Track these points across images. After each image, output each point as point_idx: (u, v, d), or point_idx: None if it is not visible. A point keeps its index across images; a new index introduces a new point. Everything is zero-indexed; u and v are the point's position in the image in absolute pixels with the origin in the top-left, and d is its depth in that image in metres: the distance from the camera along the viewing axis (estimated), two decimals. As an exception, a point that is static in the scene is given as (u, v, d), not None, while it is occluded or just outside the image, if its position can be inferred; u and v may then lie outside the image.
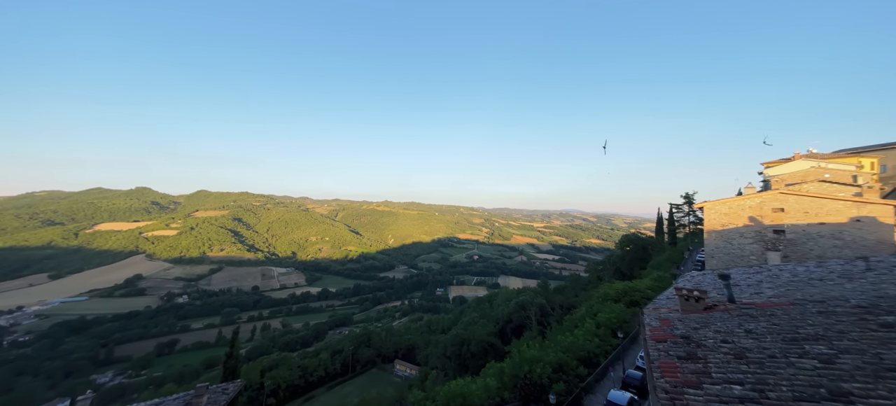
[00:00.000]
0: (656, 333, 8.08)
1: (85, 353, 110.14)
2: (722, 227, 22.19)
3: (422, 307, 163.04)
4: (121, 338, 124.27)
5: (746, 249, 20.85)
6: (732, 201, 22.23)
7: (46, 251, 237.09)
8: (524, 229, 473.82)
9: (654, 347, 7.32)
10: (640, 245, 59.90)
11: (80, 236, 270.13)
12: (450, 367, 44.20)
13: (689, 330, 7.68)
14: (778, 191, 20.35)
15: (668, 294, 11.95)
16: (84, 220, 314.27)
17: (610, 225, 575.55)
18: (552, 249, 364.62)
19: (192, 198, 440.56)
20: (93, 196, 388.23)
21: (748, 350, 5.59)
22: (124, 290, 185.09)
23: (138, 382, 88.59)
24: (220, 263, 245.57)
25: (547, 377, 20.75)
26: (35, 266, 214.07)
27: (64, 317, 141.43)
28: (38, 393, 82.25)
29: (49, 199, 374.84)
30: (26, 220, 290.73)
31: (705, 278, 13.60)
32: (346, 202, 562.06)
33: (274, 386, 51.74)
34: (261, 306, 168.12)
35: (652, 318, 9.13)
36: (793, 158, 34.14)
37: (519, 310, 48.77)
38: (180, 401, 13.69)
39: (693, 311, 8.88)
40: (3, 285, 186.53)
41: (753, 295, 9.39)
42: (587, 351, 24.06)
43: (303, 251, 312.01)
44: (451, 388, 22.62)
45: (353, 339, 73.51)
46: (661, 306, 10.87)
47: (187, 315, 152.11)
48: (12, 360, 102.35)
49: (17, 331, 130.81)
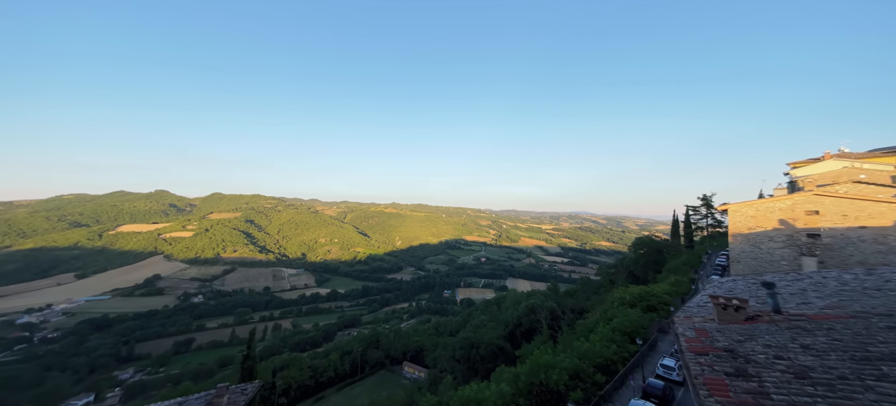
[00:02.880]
0: (694, 345, 7.54)
1: (108, 350, 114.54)
2: (748, 231, 21.11)
3: (429, 309, 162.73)
4: (141, 336, 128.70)
5: (776, 254, 19.74)
6: (760, 203, 21.13)
7: (73, 252, 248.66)
8: (532, 231, 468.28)
9: (694, 361, 6.80)
10: (654, 248, 58.18)
11: (104, 237, 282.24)
12: (458, 369, 43.77)
13: (732, 342, 7.12)
14: (811, 192, 19.20)
15: (699, 301, 11.27)
16: (108, 221, 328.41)
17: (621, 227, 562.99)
18: (561, 252, 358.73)
19: (207, 200, 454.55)
20: (116, 199, 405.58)
21: (810, 369, 5.07)
22: (144, 289, 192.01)
23: (157, 379, 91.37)
24: (234, 264, 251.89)
25: (563, 384, 20.16)
26: (63, 266, 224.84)
27: (89, 315, 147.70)
28: (65, 387, 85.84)
29: (76, 201, 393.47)
30: (55, 221, 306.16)
31: (737, 285, 12.83)
32: (354, 204, 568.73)
33: (285, 386, 52.37)
34: (272, 307, 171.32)
35: (686, 328, 8.57)
36: (822, 158, 32.36)
37: (529, 313, 47.95)
38: (202, 400, 13.90)
39: (732, 322, 8.28)
40: (35, 284, 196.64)
41: (800, 305, 8.70)
42: (604, 358, 23.31)
43: (312, 252, 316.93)
44: (465, 393, 22.23)
45: (361, 340, 73.87)
46: (693, 314, 10.24)
47: (202, 314, 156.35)
48: (42, 356, 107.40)
49: (47, 328, 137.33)
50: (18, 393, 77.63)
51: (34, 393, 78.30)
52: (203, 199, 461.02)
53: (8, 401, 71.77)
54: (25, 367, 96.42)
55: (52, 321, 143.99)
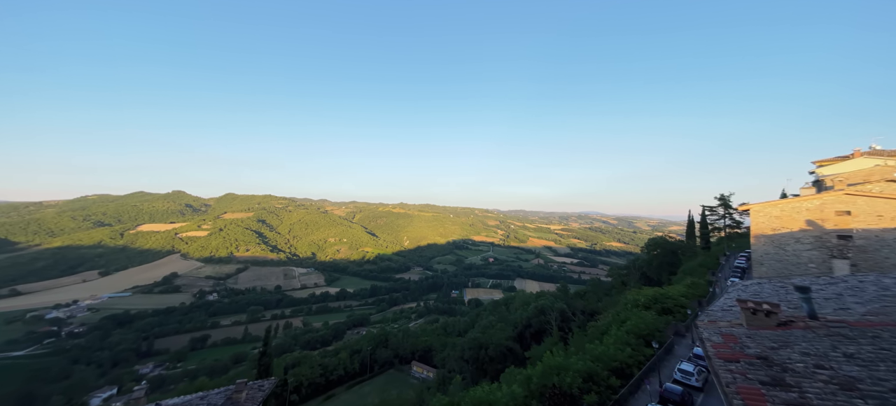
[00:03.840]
0: (723, 351, 7.24)
1: (129, 345, 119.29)
2: (772, 232, 20.24)
3: (437, 309, 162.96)
4: (159, 332, 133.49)
5: (803, 257, 18.85)
6: (785, 203, 20.23)
7: (97, 250, 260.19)
8: (541, 232, 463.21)
9: (724, 368, 6.52)
10: (668, 249, 56.64)
11: (126, 236, 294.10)
12: (467, 370, 43.60)
13: (764, 349, 6.80)
14: (842, 191, 18.24)
15: (724, 305, 10.85)
16: (128, 221, 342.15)
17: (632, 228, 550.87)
18: (570, 252, 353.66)
19: (221, 200, 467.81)
20: (136, 199, 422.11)
21: (858, 380, 4.76)
22: (162, 287, 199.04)
23: (175, 374, 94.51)
24: (246, 263, 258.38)
25: (577, 387, 19.77)
26: (88, 263, 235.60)
27: (111, 311, 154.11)
28: (91, 380, 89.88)
29: (99, 202, 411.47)
30: (80, 221, 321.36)
31: (763, 288, 12.30)
32: (362, 204, 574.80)
33: (297, 383, 53.26)
34: (283, 305, 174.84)
35: (711, 333, 8.25)
36: (852, 156, 30.78)
37: (538, 314, 47.38)
38: (222, 395, 14.33)
39: (762, 327, 7.91)
40: (62, 281, 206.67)
41: (838, 310, 8.24)
42: (619, 361, 22.76)
43: (322, 252, 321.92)
44: (476, 394, 22.09)
45: (370, 339, 74.43)
46: (717, 319, 9.84)
47: (217, 312, 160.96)
48: (69, 350, 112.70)
49: (73, 323, 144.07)
50: (49, 384, 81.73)
51: (63, 385, 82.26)
52: (217, 200, 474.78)
53: (40, 392, 75.59)
54: (54, 360, 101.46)
55: (78, 316, 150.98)
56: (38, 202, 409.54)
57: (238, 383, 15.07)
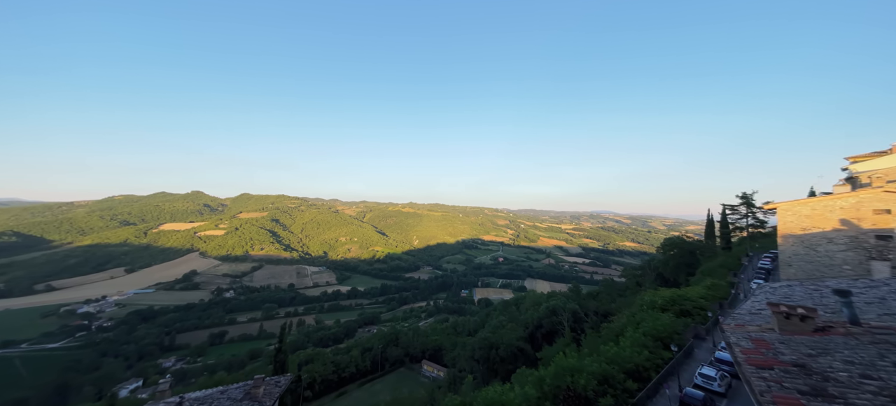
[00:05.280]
0: (754, 357, 6.89)
1: (153, 339, 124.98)
2: (802, 232, 19.19)
3: (447, 308, 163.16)
4: (181, 327, 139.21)
5: (837, 257, 17.78)
6: (816, 201, 19.13)
7: (123, 248, 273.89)
8: (552, 231, 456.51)
9: (756, 375, 6.20)
10: (686, 249, 54.73)
11: (149, 235, 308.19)
12: (478, 370, 43.42)
13: (801, 356, 6.42)
14: (881, 189, 17.08)
15: (752, 308, 10.36)
16: (151, 220, 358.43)
17: (646, 227, 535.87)
18: (582, 252, 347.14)
19: (237, 200, 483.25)
20: (158, 199, 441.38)
21: (912, 392, 4.41)
22: (183, 284, 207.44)
23: (195, 368, 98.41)
24: (261, 261, 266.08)
25: (592, 390, 19.35)
26: (115, 261, 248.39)
27: (136, 306, 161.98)
28: (118, 372, 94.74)
29: (125, 202, 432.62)
30: (108, 220, 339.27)
31: (794, 291, 11.68)
32: (372, 203, 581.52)
33: (310, 379, 54.39)
34: (296, 303, 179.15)
35: (740, 337, 7.87)
36: (890, 151, 28.79)
37: (550, 315, 46.66)
38: (241, 389, 14.85)
39: (797, 332, 7.48)
40: (92, 277, 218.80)
41: (883, 316, 7.70)
42: (635, 364, 22.14)
43: (333, 251, 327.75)
44: (488, 395, 21.95)
45: (381, 337, 75.18)
46: (746, 322, 9.43)
47: (233, 309, 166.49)
48: (98, 343, 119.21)
49: (102, 317, 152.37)
50: (82, 375, 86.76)
51: (93, 376, 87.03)
52: (233, 200, 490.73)
53: (74, 383, 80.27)
54: (85, 353, 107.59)
55: (106, 311, 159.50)
56: (69, 202, 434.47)
57: (256, 379, 15.52)
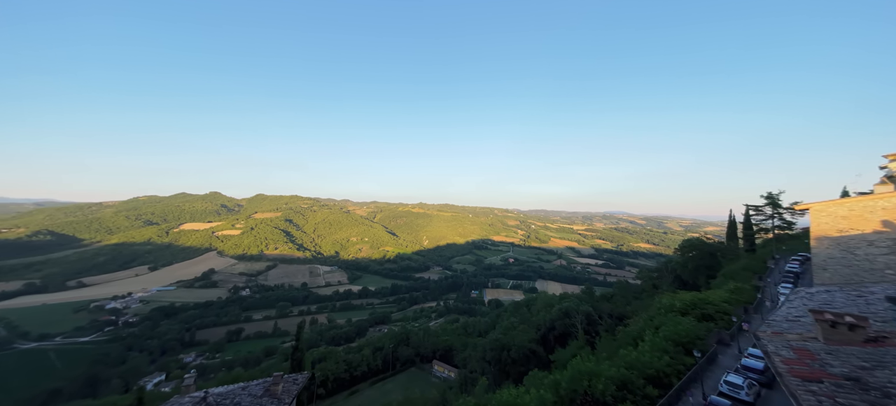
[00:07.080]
0: (798, 369, 6.48)
1: (174, 335, 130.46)
2: (838, 234, 18.09)
3: (457, 309, 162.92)
4: (200, 324, 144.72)
5: (878, 261, 16.65)
6: (855, 202, 17.99)
7: (147, 247, 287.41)
8: (563, 232, 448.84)
9: (803, 388, 5.83)
10: (705, 251, 52.61)
11: (170, 234, 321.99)
12: (489, 371, 43.06)
13: (853, 369, 6.00)
14: (928, 188, 15.90)
15: (789, 315, 9.82)
16: (172, 219, 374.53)
17: (662, 228, 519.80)
18: (595, 253, 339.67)
19: (252, 201, 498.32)
20: (178, 200, 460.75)
21: None
22: (202, 282, 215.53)
23: (214, 364, 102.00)
24: (275, 261, 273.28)
25: (610, 395, 18.85)
26: (139, 259, 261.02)
27: (159, 303, 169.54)
28: (143, 366, 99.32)
29: (148, 202, 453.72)
30: (133, 219, 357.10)
31: (834, 297, 11.03)
32: (383, 204, 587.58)
33: (323, 377, 55.30)
34: (309, 302, 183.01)
35: (779, 346, 7.44)
36: (935, 145, 26.74)
37: (563, 317, 45.76)
38: (261, 386, 15.29)
39: (845, 342, 7.01)
40: (118, 274, 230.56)
41: (940, 328, 7.12)
42: (655, 369, 21.45)
43: (344, 251, 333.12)
44: (503, 398, 21.72)
45: (392, 337, 75.67)
46: (783, 330, 8.93)
47: (249, 306, 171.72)
48: (125, 338, 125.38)
49: (128, 313, 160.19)
50: (109, 368, 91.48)
51: (120, 370, 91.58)
52: (249, 200, 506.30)
53: (103, 376, 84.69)
54: (113, 347, 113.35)
55: (131, 308, 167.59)
56: (99, 202, 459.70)
57: (275, 376, 15.94)
